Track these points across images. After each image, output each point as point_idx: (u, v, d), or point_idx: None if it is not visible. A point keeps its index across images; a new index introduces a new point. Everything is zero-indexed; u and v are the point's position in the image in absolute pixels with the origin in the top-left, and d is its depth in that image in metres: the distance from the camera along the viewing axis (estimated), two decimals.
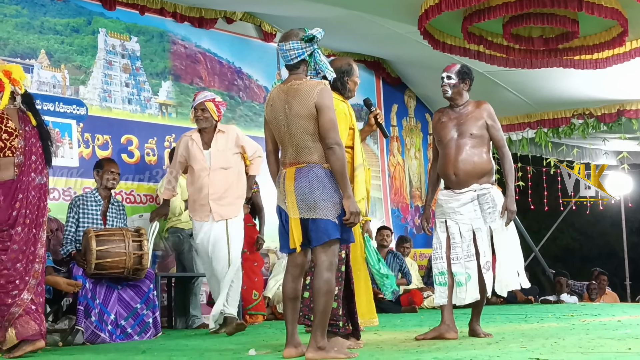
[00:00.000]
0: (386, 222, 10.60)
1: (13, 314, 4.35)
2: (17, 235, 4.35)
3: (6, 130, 4.42)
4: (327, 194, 3.90)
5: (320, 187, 3.89)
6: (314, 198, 3.88)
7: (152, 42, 8.20)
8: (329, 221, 3.87)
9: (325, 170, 3.93)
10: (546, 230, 14.10)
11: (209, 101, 6.10)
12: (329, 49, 10.07)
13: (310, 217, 3.88)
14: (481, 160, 5.02)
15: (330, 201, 3.89)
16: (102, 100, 7.61)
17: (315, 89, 3.97)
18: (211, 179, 5.98)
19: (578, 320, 6.48)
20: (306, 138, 3.95)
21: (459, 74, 5.14)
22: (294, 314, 4.00)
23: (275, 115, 4.05)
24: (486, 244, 4.94)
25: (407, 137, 11.44)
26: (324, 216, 3.87)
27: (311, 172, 3.92)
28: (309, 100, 3.95)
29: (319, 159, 3.94)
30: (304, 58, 4.09)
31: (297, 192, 3.91)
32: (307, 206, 3.89)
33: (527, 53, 8.23)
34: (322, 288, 3.86)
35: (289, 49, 4.06)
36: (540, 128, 11.17)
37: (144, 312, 5.83)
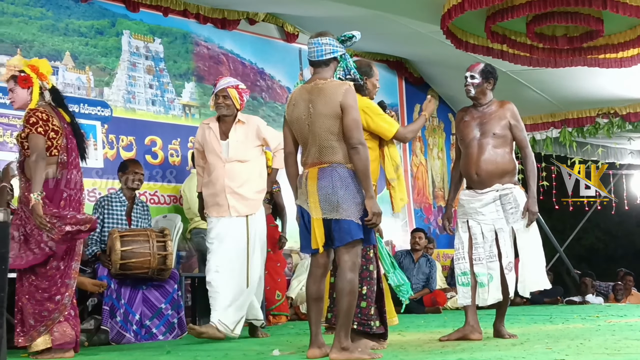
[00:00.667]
0: (409, 223, 10.58)
1: (53, 320, 4.34)
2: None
3: (53, 128, 4.43)
4: (351, 194, 3.89)
5: (343, 187, 3.88)
6: (337, 198, 3.87)
7: (175, 44, 8.24)
8: (351, 222, 3.86)
9: (348, 171, 3.93)
10: (571, 230, 13.99)
11: (232, 87, 5.68)
12: (351, 49, 10.07)
13: (333, 217, 3.87)
14: (504, 160, 5.00)
15: (353, 202, 3.88)
16: (126, 102, 7.66)
17: (341, 89, 3.97)
18: (227, 171, 5.50)
19: (604, 321, 6.42)
20: (330, 137, 3.94)
21: (483, 73, 5.12)
22: (317, 314, 4.00)
23: (298, 114, 4.05)
24: (508, 244, 4.92)
25: (429, 137, 11.41)
26: (347, 217, 3.86)
27: (334, 172, 3.91)
28: (334, 100, 3.94)
29: (342, 159, 3.94)
30: (336, 56, 4.11)
31: (320, 192, 3.90)
32: (330, 206, 3.88)
33: (551, 52, 8.17)
34: (346, 288, 3.85)
35: (325, 43, 4.07)
36: (565, 127, 11.10)
37: (169, 313, 5.86)
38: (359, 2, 8.14)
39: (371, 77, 4.94)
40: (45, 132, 4.38)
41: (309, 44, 4.12)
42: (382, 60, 10.58)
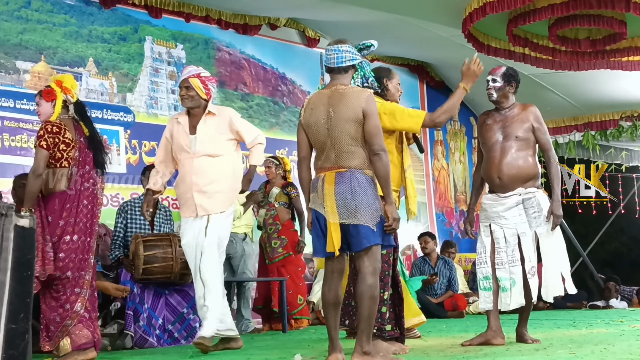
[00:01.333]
0: (430, 227, 10.56)
1: (67, 326, 4.40)
2: (64, 244, 4.39)
3: (64, 141, 4.48)
4: (369, 200, 3.90)
5: (361, 193, 3.89)
6: (356, 204, 3.88)
7: (197, 49, 8.29)
8: (369, 227, 3.88)
9: (366, 176, 3.94)
10: (594, 234, 13.86)
11: (194, 77, 5.12)
12: (372, 54, 10.07)
13: (351, 222, 3.88)
14: (526, 164, 4.97)
15: (371, 207, 3.89)
16: (148, 107, 7.71)
17: (363, 95, 3.99)
18: (195, 167, 5.00)
19: (628, 326, 6.36)
20: (350, 142, 3.95)
21: (505, 77, 5.09)
22: (336, 319, 3.99)
23: (317, 118, 4.05)
24: (531, 249, 4.88)
25: (451, 141, 11.38)
26: (364, 222, 3.87)
27: (353, 177, 3.92)
28: (356, 105, 3.96)
29: (360, 165, 3.95)
30: (354, 64, 4.14)
31: (337, 196, 3.91)
32: (348, 211, 3.88)
33: (574, 55, 8.13)
34: (367, 293, 3.86)
35: (345, 50, 4.11)
36: (588, 131, 11.03)
37: (191, 317, 5.88)
38: (380, 6, 8.14)
39: (392, 79, 4.92)
40: (54, 145, 4.42)
41: (327, 50, 4.16)
42: (403, 64, 10.57)
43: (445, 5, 7.85)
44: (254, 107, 8.68)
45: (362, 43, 4.20)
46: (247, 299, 7.14)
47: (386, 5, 8.13)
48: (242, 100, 8.57)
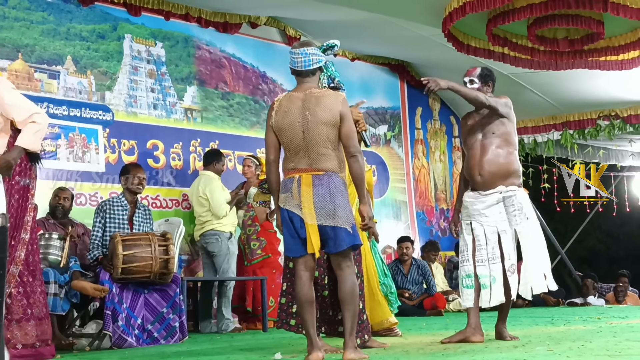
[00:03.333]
0: (411, 226, 10.57)
1: None
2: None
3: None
4: (345, 202, 4.00)
5: (339, 195, 3.98)
6: (334, 206, 3.96)
7: (177, 48, 8.23)
8: (346, 229, 3.97)
9: (341, 180, 4.03)
10: (572, 232, 13.96)
11: None
12: (352, 52, 10.07)
13: (329, 224, 3.96)
14: (507, 160, 5.00)
15: (346, 210, 3.99)
16: (127, 106, 7.65)
17: (339, 98, 4.07)
18: None
19: (605, 322, 6.40)
20: (326, 145, 4.01)
21: (481, 77, 5.14)
22: (312, 317, 4.04)
23: (291, 121, 4.08)
24: (511, 246, 4.90)
25: (431, 140, 11.39)
26: (342, 224, 3.96)
27: (331, 180, 3.99)
28: (334, 108, 4.02)
29: (335, 168, 4.03)
30: (320, 66, 4.19)
31: (316, 198, 3.96)
32: (326, 213, 3.95)
33: (552, 54, 8.16)
34: (352, 291, 3.98)
35: (311, 53, 4.15)
36: (566, 130, 11.08)
37: (170, 317, 5.84)
38: (361, 5, 8.13)
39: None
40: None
41: (293, 53, 4.18)
42: (383, 64, 10.57)
43: (425, 4, 7.85)
44: (235, 105, 8.64)
45: (325, 43, 4.25)
46: (228, 298, 7.11)
47: (367, 5, 8.12)
48: (223, 99, 8.53)
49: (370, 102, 10.35)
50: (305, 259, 4.07)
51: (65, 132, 7.09)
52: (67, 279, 5.58)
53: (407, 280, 9.05)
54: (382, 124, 10.54)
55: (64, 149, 7.06)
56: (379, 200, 10.10)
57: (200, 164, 7.86)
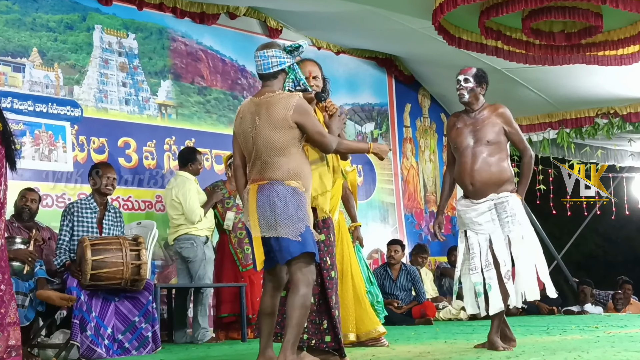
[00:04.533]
0: (399, 229, 10.58)
1: None
2: None
3: None
4: (290, 212, 4.03)
5: (281, 205, 4.03)
6: (275, 217, 4.03)
7: (150, 39, 8.20)
8: (289, 239, 4.01)
9: (286, 188, 4.06)
10: (568, 236, 14.02)
11: None
12: (337, 46, 10.07)
13: (272, 235, 4.04)
14: (499, 168, 5.12)
15: (291, 219, 4.03)
16: (97, 101, 7.61)
17: (291, 101, 4.12)
18: None
19: (603, 332, 6.43)
20: (274, 152, 4.09)
21: (476, 78, 5.24)
22: (269, 328, 4.17)
23: (244, 128, 4.19)
24: (505, 252, 5.00)
25: (421, 139, 11.41)
26: (285, 235, 4.01)
27: (272, 190, 4.05)
28: (281, 113, 4.09)
29: (281, 176, 4.08)
30: (283, 68, 4.25)
31: (258, 210, 4.07)
32: (267, 224, 4.04)
33: (548, 49, 8.19)
34: (296, 302, 4.01)
35: (271, 55, 4.22)
36: (562, 128, 11.13)
37: (143, 326, 5.81)
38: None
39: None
40: None
41: (255, 56, 4.26)
42: (370, 58, 10.59)
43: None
44: (212, 101, 8.62)
45: (290, 45, 4.29)
46: (204, 307, 7.09)
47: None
48: (199, 94, 8.50)
49: (356, 98, 10.36)
50: (269, 271, 4.19)
51: (30, 129, 7.04)
52: (32, 286, 5.53)
53: (395, 286, 9.06)
54: (368, 122, 10.55)
55: (30, 147, 7.01)
56: (365, 202, 10.11)
57: (175, 163, 7.83)
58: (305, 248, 4.02)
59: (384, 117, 10.79)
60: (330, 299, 4.54)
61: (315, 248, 4.10)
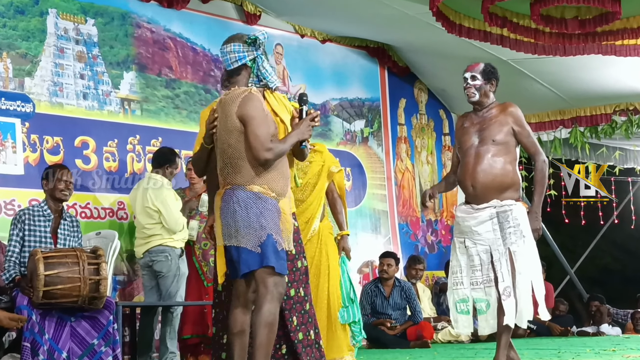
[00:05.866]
0: (392, 240, 10.59)
1: None
2: None
3: None
4: (250, 219, 4.14)
5: (241, 211, 4.15)
6: (235, 223, 4.15)
7: (112, 26, 8.18)
8: (247, 250, 4.12)
9: (248, 193, 4.18)
10: (583, 248, 14.09)
11: None
12: (323, 33, 10.08)
13: (232, 244, 4.16)
14: (504, 171, 5.15)
15: (252, 227, 4.13)
16: (52, 95, 7.59)
17: (239, 97, 4.23)
18: None
19: (621, 355, 6.46)
20: (233, 155, 4.23)
21: (485, 74, 5.29)
22: (241, 350, 4.22)
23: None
24: (505, 267, 5.04)
25: (417, 138, 11.44)
26: (244, 244, 4.13)
27: (234, 195, 4.19)
28: (231, 111, 4.23)
29: (244, 180, 4.20)
30: (244, 63, 4.35)
31: (222, 217, 4.21)
32: (228, 232, 4.17)
33: (560, 37, 8.23)
34: (260, 320, 4.11)
35: (229, 51, 4.35)
36: (576, 126, 11.18)
37: (102, 349, 5.78)
38: None
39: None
40: None
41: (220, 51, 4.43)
42: (360, 47, 10.60)
43: None
44: (182, 95, 8.62)
45: (249, 36, 4.38)
46: (173, 328, 7.08)
47: None
48: (167, 87, 8.49)
49: (344, 92, 10.37)
50: (236, 284, 4.26)
51: None
52: None
53: (387, 305, 9.06)
54: (358, 119, 10.57)
55: None
56: (354, 209, 10.12)
57: (140, 165, 7.82)
58: (264, 261, 4.11)
59: (375, 113, 10.81)
60: (288, 322, 4.55)
61: (279, 260, 4.16)
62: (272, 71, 4.43)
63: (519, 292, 5.02)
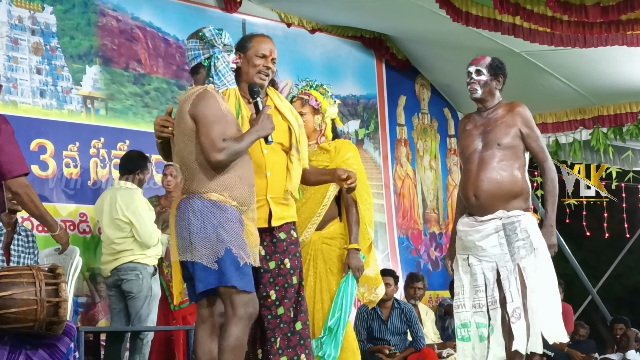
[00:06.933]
0: (391, 256, 10.60)
1: None
2: None
3: None
4: (206, 231, 4.17)
5: (196, 222, 4.19)
6: (190, 236, 4.18)
7: (72, 13, 8.18)
8: (204, 266, 4.15)
9: (204, 202, 4.21)
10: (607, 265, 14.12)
11: None
12: (313, 22, 10.09)
13: (187, 259, 4.19)
14: (511, 179, 5.17)
15: (208, 240, 4.16)
16: (4, 93, 7.57)
17: (191, 97, 4.30)
18: None
19: None
20: (188, 160, 4.29)
21: (491, 69, 5.32)
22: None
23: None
24: (514, 286, 5.03)
25: (419, 140, 11.46)
26: (199, 259, 4.15)
27: (189, 204, 4.23)
28: (183, 112, 4.30)
29: (199, 187, 4.24)
30: (200, 62, 4.44)
31: (176, 229, 4.26)
32: (183, 246, 4.20)
33: (580, 26, 8.25)
34: (225, 345, 4.16)
35: (187, 48, 4.49)
36: (598, 127, 11.20)
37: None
38: None
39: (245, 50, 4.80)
40: None
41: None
42: (354, 37, 10.62)
43: None
44: (152, 92, 8.62)
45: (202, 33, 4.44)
46: (143, 356, 7.09)
47: None
48: (136, 83, 8.50)
49: (336, 88, 10.31)
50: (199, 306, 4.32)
51: None
52: None
53: (386, 329, 9.06)
54: (352, 119, 10.58)
55: None
56: None
57: (104, 172, 7.82)
58: (223, 279, 4.13)
59: (371, 113, 10.83)
60: (269, 342, 4.56)
61: (242, 277, 4.16)
62: (227, 72, 4.44)
63: (532, 312, 5.01)
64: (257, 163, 4.56)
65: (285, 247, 4.63)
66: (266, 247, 4.57)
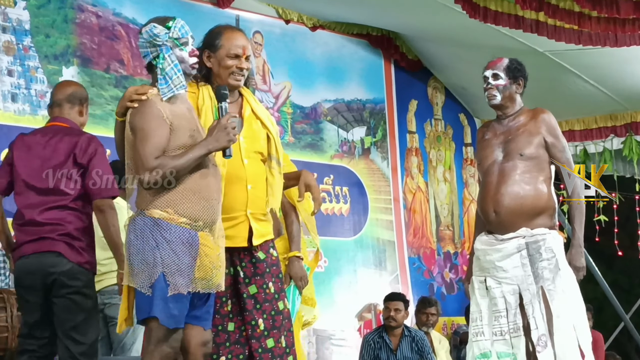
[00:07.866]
0: (401, 278, 10.59)
1: None
2: None
3: None
4: (145, 253, 4.09)
5: (137, 243, 4.12)
6: (130, 258, 4.13)
7: (47, 9, 8.20)
8: (139, 292, 4.10)
9: (145, 219, 4.13)
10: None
11: None
12: (314, 18, 10.10)
13: (129, 284, 4.15)
14: (535, 193, 5.16)
15: (145, 263, 4.08)
16: None
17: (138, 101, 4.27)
18: None
19: None
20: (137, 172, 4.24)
21: (509, 71, 5.31)
22: None
23: None
24: (539, 312, 5.01)
25: (432, 149, 11.46)
26: (137, 284, 4.08)
27: (132, 223, 4.18)
28: (128, 119, 4.29)
29: (143, 203, 4.20)
30: (149, 61, 4.33)
31: (125, 251, 4.23)
32: (126, 269, 4.16)
33: (610, 23, 8.27)
34: None
35: (139, 43, 4.36)
36: (631, 135, 11.20)
37: None
38: None
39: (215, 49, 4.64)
40: None
41: None
42: (360, 35, 10.63)
43: None
44: None
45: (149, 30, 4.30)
46: None
47: None
48: (117, 85, 8.51)
49: (340, 92, 10.39)
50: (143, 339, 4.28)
51: None
52: None
53: (395, 359, 9.07)
54: (357, 125, 10.58)
55: None
56: (352, 239, 10.13)
57: None
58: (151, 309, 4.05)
59: (379, 119, 10.84)
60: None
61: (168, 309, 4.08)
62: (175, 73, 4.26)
63: (558, 340, 4.99)
64: (236, 174, 4.48)
65: (266, 268, 4.54)
66: (244, 268, 4.50)
